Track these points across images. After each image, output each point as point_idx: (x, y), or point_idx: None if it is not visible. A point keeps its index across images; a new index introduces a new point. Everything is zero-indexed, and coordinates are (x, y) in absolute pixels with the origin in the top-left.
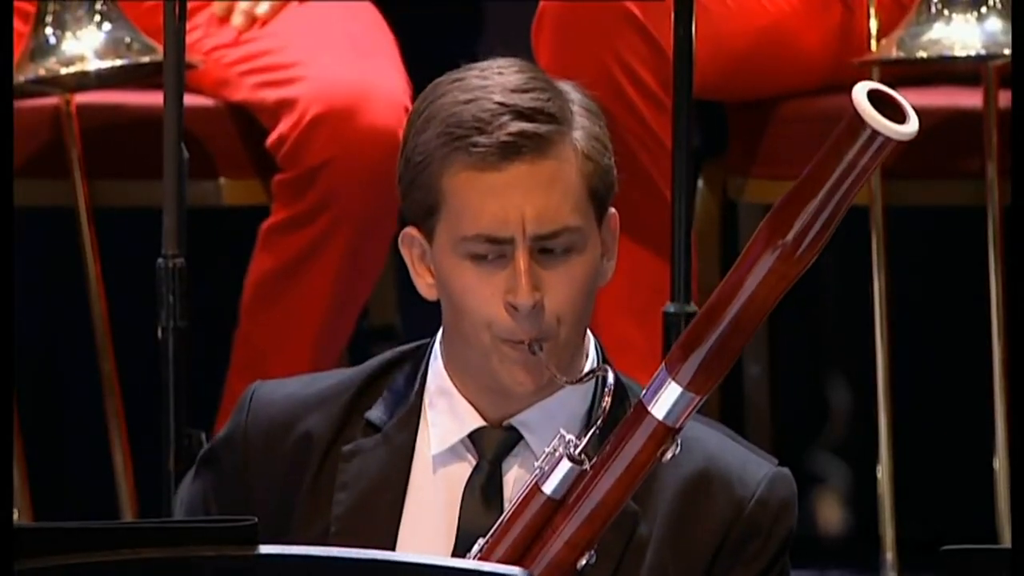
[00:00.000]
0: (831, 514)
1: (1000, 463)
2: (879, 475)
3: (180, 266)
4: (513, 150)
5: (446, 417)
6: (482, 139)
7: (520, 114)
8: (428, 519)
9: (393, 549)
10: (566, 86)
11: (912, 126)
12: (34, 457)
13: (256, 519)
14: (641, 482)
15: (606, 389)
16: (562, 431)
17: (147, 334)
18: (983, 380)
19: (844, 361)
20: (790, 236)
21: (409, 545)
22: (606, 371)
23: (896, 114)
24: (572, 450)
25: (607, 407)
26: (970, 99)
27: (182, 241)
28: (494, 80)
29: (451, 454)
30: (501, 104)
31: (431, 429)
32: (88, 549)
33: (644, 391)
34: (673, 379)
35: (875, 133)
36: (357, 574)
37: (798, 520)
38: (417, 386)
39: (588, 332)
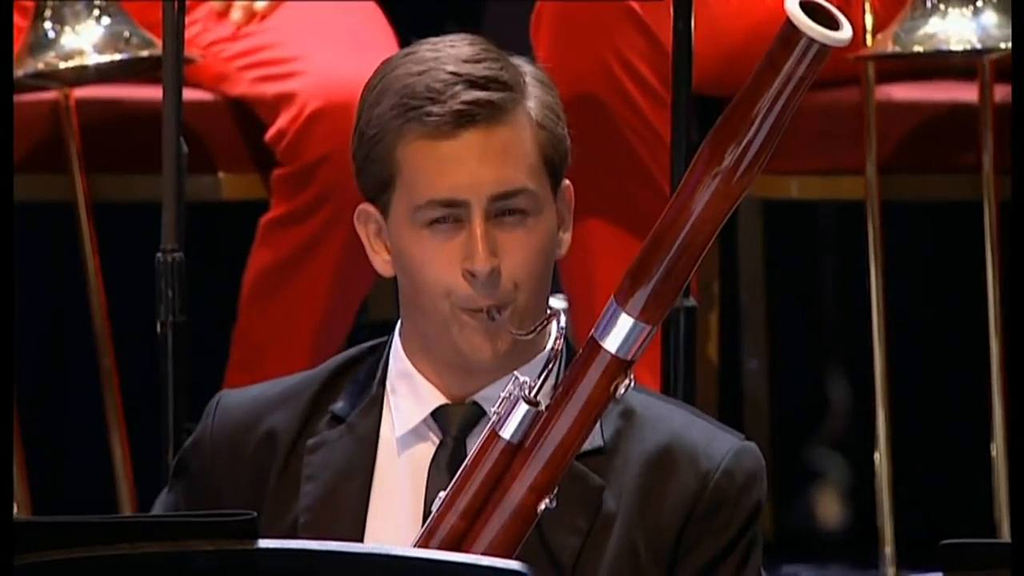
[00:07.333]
0: (830, 509)
1: (998, 457)
2: (878, 469)
3: (179, 260)
4: (467, 118)
5: (408, 399)
6: (435, 108)
7: (473, 83)
8: (395, 501)
9: (362, 535)
10: (518, 59)
11: (845, 32)
12: (34, 452)
13: (256, 514)
14: (597, 419)
15: (558, 332)
16: (516, 374)
17: (146, 329)
18: (981, 374)
19: (842, 356)
20: (732, 155)
21: (378, 528)
22: (559, 315)
23: (830, 23)
24: (528, 392)
25: (560, 347)
26: (966, 93)
27: (181, 235)
28: (446, 52)
29: (414, 435)
30: (454, 74)
31: (394, 413)
32: (87, 543)
33: (595, 326)
34: (623, 311)
35: (811, 41)
36: (356, 568)
37: (796, 515)
38: (379, 375)
39: (557, 304)
